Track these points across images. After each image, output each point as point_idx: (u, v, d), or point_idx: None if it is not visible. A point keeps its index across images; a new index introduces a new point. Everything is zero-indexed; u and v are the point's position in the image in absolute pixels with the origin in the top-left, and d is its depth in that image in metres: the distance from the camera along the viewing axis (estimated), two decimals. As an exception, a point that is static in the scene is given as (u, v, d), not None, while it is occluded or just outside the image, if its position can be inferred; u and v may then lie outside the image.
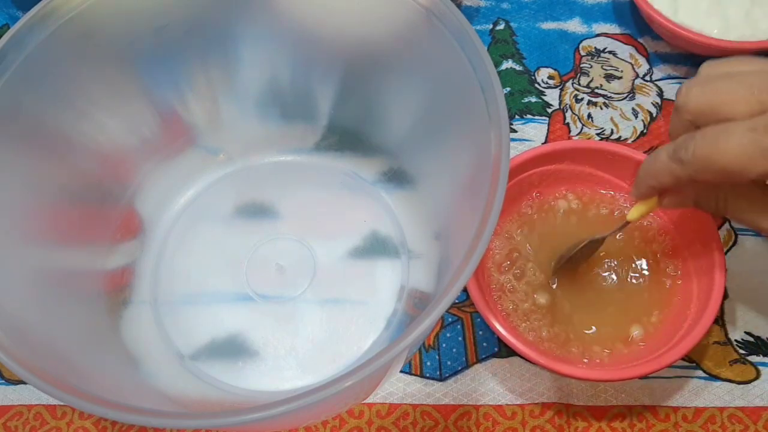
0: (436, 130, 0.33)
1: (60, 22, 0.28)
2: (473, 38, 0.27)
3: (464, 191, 0.29)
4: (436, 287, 0.35)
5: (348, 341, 0.35)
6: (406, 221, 0.38)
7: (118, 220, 0.36)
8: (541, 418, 0.35)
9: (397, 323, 0.35)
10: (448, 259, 0.32)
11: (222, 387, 0.34)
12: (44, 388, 0.22)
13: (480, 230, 0.23)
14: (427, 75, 0.31)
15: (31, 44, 0.28)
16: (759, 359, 0.36)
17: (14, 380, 0.36)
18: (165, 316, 0.36)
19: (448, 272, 0.28)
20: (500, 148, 0.25)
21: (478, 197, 0.24)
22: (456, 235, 0.30)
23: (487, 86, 0.26)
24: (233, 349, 0.35)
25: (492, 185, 0.24)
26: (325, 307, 0.36)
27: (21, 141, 0.29)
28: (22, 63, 0.28)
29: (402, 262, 0.37)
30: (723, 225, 0.39)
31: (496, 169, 0.24)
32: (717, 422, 0.35)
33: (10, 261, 0.28)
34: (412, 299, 0.36)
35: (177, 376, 0.34)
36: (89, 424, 0.35)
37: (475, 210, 0.24)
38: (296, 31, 0.33)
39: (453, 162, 0.31)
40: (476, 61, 0.26)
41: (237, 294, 0.36)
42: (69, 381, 0.22)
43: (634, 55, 0.45)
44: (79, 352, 0.28)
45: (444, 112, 0.32)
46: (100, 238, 0.35)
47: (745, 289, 0.37)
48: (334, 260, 0.37)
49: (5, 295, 0.26)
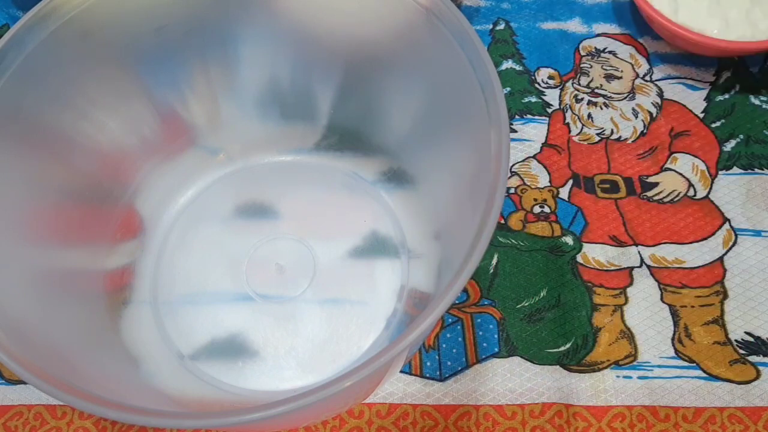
0: (436, 129, 0.33)
1: (60, 22, 0.28)
2: (473, 38, 0.27)
3: (465, 191, 0.29)
4: (437, 287, 0.35)
5: (348, 341, 0.35)
6: (406, 221, 0.38)
7: (118, 220, 0.36)
8: (541, 418, 0.35)
9: (397, 323, 0.35)
10: (449, 258, 0.32)
11: (222, 387, 0.34)
12: (46, 389, 0.22)
13: (480, 230, 0.23)
14: (427, 75, 0.31)
15: (31, 44, 0.28)
16: (759, 359, 0.36)
17: (14, 380, 0.36)
18: (165, 315, 0.36)
19: (448, 272, 0.28)
20: (500, 148, 0.25)
21: (478, 197, 0.25)
22: (456, 234, 0.30)
23: (487, 86, 0.26)
24: (233, 348, 0.35)
25: (492, 185, 0.24)
26: (324, 306, 0.36)
27: (21, 141, 0.29)
28: (21, 63, 0.28)
29: (402, 262, 0.37)
30: (723, 225, 0.39)
31: (496, 169, 0.24)
32: (717, 422, 0.35)
33: (10, 261, 0.28)
34: (412, 299, 0.36)
35: (177, 376, 0.34)
36: (89, 424, 0.35)
37: (476, 210, 0.24)
38: (296, 30, 0.33)
39: (453, 162, 0.31)
40: (476, 60, 0.26)
41: (237, 294, 0.36)
42: (70, 381, 0.22)
43: (634, 55, 0.45)
44: (79, 352, 0.28)
45: (444, 111, 0.32)
46: (100, 238, 0.35)
47: (745, 289, 0.37)
48: (333, 260, 0.37)
49: (5, 296, 0.26)
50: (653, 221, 0.39)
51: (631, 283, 0.38)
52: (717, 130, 0.42)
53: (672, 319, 0.37)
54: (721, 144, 0.41)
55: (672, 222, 0.39)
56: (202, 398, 0.34)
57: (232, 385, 0.34)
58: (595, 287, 0.38)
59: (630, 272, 0.38)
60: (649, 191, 0.40)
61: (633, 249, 0.39)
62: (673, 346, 0.36)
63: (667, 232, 0.39)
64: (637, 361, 0.36)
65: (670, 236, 0.39)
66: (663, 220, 0.39)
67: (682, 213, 0.39)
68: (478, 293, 0.37)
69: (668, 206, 0.40)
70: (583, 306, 0.37)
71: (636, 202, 0.40)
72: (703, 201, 0.40)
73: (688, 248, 0.38)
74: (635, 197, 0.40)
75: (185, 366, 0.35)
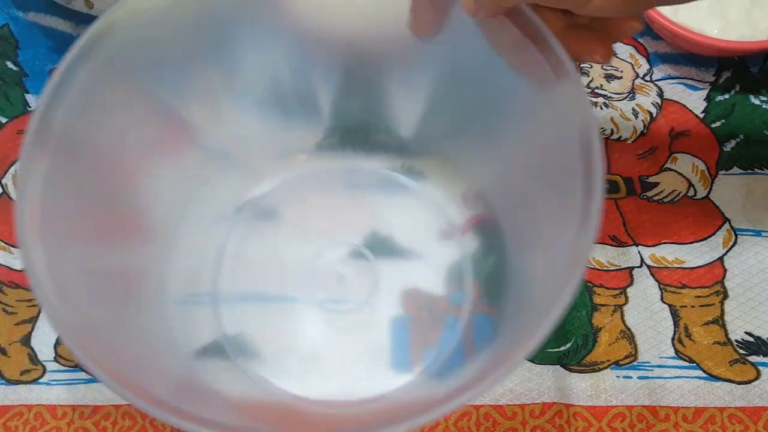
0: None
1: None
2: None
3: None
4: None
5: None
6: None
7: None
8: (541, 418, 0.35)
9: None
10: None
11: (287, 393, 0.34)
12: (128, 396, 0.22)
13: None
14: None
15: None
16: (759, 359, 0.36)
17: (14, 380, 0.36)
18: (224, 317, 0.36)
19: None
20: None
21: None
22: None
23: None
24: (294, 354, 0.35)
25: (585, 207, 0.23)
26: (385, 314, 0.36)
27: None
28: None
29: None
30: (723, 225, 0.39)
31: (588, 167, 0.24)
32: (717, 422, 0.35)
33: (75, 264, 0.28)
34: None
35: (233, 378, 0.34)
36: (90, 424, 0.35)
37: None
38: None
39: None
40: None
41: (295, 299, 0.37)
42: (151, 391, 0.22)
43: (634, 55, 0.45)
44: (142, 353, 0.29)
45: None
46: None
47: (745, 289, 0.37)
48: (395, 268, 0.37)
49: (76, 299, 0.26)
50: (653, 221, 0.39)
51: (631, 283, 0.38)
52: (717, 130, 0.41)
53: (672, 319, 0.37)
54: (721, 144, 0.41)
55: (672, 222, 0.39)
56: (261, 403, 0.34)
57: (297, 396, 0.34)
58: (595, 287, 0.38)
59: (630, 272, 0.38)
60: (649, 191, 0.40)
61: (633, 249, 0.39)
62: (673, 346, 0.36)
63: (667, 232, 0.39)
64: (637, 361, 0.36)
65: (670, 236, 0.39)
66: (663, 220, 0.39)
67: (682, 213, 0.39)
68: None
69: (668, 206, 0.40)
70: (584, 306, 0.37)
71: (636, 202, 0.40)
72: (703, 201, 0.40)
73: (688, 248, 0.38)
74: (635, 197, 0.40)
75: (239, 367, 0.35)
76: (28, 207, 0.25)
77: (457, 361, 0.35)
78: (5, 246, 0.40)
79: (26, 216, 0.25)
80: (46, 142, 0.26)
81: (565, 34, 0.26)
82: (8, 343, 0.37)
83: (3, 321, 0.38)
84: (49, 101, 0.26)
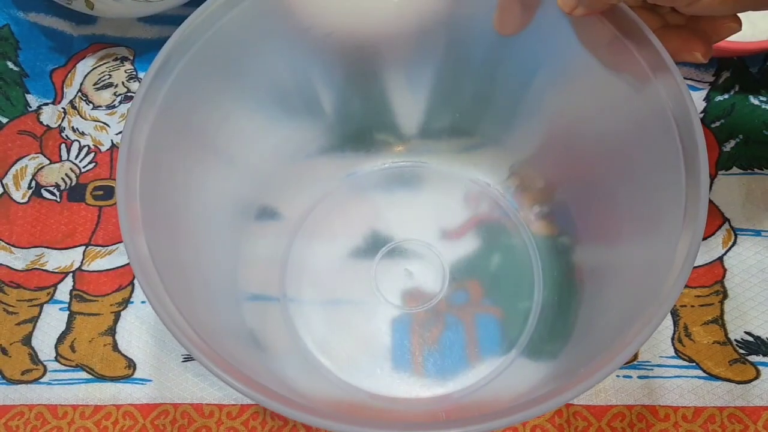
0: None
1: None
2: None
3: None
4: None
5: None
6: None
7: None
8: (541, 418, 0.35)
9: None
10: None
11: (362, 390, 0.34)
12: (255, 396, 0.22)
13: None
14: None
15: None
16: (759, 359, 0.36)
17: (15, 380, 0.37)
18: (294, 315, 0.36)
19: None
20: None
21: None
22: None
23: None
24: (367, 353, 0.35)
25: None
26: (453, 312, 0.36)
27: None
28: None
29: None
30: (722, 225, 0.39)
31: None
32: (717, 422, 0.35)
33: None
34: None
35: (307, 376, 0.34)
36: (90, 424, 0.35)
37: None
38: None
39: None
40: None
41: (368, 299, 0.37)
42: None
43: (634, 55, 0.45)
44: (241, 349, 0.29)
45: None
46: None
47: (745, 289, 0.38)
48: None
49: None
50: (653, 221, 0.39)
51: (631, 283, 0.38)
52: (716, 130, 0.42)
53: (672, 318, 0.37)
54: (721, 144, 0.41)
55: (672, 222, 0.39)
56: (340, 402, 0.34)
57: (372, 392, 0.34)
58: (595, 287, 0.38)
59: (630, 272, 0.38)
60: (649, 191, 0.40)
61: (633, 249, 0.39)
62: (673, 346, 0.36)
63: (667, 232, 0.39)
64: (637, 361, 0.36)
65: (669, 236, 0.39)
66: (663, 220, 0.39)
67: (681, 213, 0.39)
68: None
69: (668, 206, 0.40)
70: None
71: (636, 202, 0.40)
72: (703, 201, 0.40)
73: (688, 248, 0.39)
74: (635, 197, 0.40)
75: (312, 363, 0.35)
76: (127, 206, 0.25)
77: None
78: (5, 246, 0.40)
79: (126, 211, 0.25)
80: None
81: (662, 33, 0.26)
82: (9, 342, 0.37)
83: (4, 321, 0.38)
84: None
